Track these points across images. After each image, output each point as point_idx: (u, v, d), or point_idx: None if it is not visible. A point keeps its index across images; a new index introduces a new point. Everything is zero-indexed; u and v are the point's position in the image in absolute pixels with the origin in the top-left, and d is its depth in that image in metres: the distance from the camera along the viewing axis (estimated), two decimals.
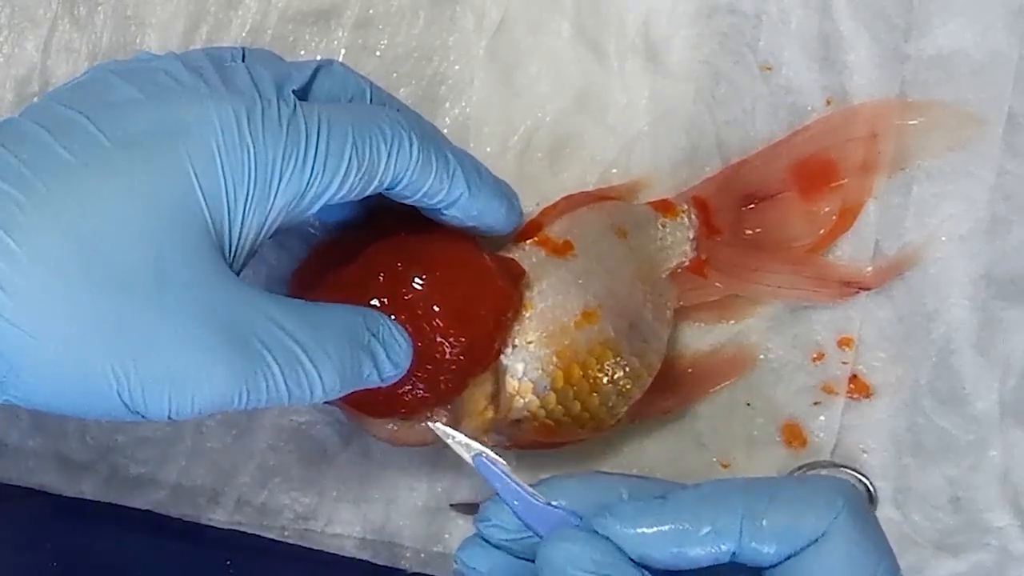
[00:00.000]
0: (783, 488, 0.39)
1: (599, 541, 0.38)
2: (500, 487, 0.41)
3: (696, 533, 0.38)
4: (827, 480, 0.40)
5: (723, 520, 0.38)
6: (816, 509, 0.38)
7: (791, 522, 0.38)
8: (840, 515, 0.37)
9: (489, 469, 0.42)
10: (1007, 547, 0.52)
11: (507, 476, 0.41)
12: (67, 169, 0.34)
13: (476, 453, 0.42)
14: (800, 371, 0.53)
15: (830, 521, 0.37)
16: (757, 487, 0.39)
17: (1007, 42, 0.50)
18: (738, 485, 0.39)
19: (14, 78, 0.52)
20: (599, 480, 0.42)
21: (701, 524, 0.38)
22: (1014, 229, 0.51)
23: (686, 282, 0.51)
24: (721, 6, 0.51)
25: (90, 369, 0.34)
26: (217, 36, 0.51)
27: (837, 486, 0.39)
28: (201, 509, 0.55)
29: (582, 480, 0.42)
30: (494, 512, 0.41)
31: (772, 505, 0.38)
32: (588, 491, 0.41)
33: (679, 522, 0.38)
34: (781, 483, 0.39)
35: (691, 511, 0.38)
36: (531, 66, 0.52)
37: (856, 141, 0.50)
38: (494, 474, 0.41)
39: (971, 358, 0.51)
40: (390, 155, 0.40)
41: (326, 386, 0.39)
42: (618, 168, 0.52)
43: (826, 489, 0.38)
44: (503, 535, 0.41)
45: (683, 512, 0.38)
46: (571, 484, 0.42)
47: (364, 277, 0.43)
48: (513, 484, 0.41)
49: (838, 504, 0.38)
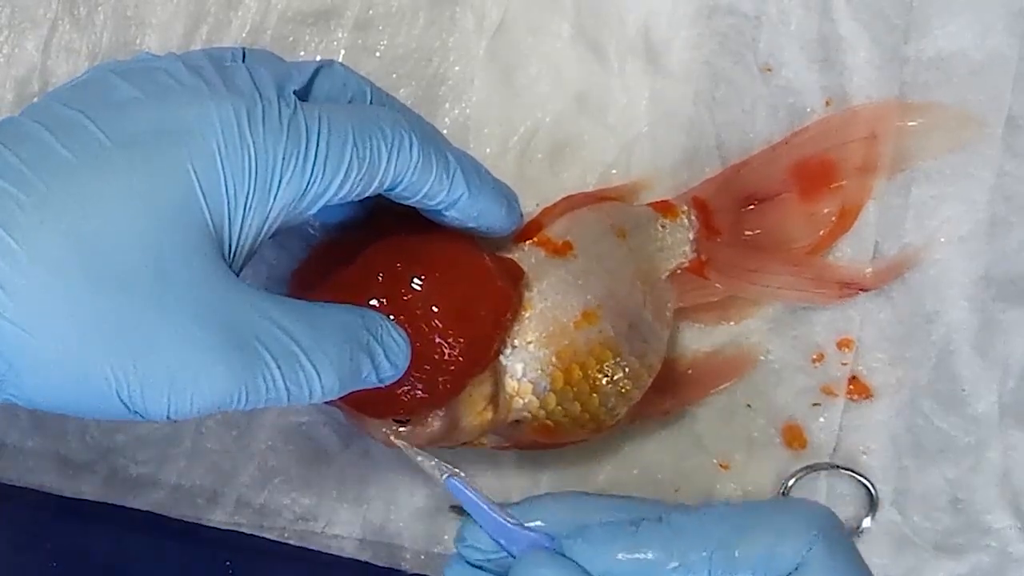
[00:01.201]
0: (759, 517, 0.39)
1: (568, 565, 0.39)
2: (472, 509, 0.41)
3: (664, 566, 0.38)
4: (804, 508, 0.40)
5: (693, 555, 0.38)
6: (790, 540, 0.38)
7: (764, 553, 0.38)
8: (815, 546, 0.38)
9: (461, 491, 0.42)
10: (1006, 548, 0.52)
11: (479, 499, 0.41)
12: (68, 169, 0.34)
13: (447, 475, 0.42)
14: (800, 372, 0.53)
15: (804, 553, 0.38)
16: (733, 516, 0.39)
17: (1007, 43, 0.50)
18: (714, 515, 0.39)
19: (14, 78, 0.52)
20: (579, 501, 0.42)
21: (670, 558, 0.38)
22: (1014, 230, 0.51)
23: (686, 283, 0.51)
24: (721, 7, 0.51)
25: (89, 369, 0.34)
26: (217, 36, 0.51)
27: (811, 516, 0.39)
28: (201, 510, 0.55)
29: (562, 500, 0.42)
30: (470, 532, 0.42)
31: (745, 536, 0.38)
32: (567, 511, 0.42)
33: (648, 552, 0.38)
34: (759, 510, 0.39)
35: (661, 542, 0.38)
36: (531, 67, 0.52)
37: (856, 142, 0.50)
38: (466, 497, 0.41)
39: (971, 359, 0.51)
40: (390, 156, 0.40)
41: (325, 386, 0.39)
42: (618, 169, 0.52)
43: (801, 518, 0.39)
44: (480, 556, 0.42)
45: (653, 542, 0.38)
46: (550, 504, 0.42)
47: (363, 277, 0.43)
48: (484, 506, 0.41)
49: (811, 534, 0.38)
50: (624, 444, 0.53)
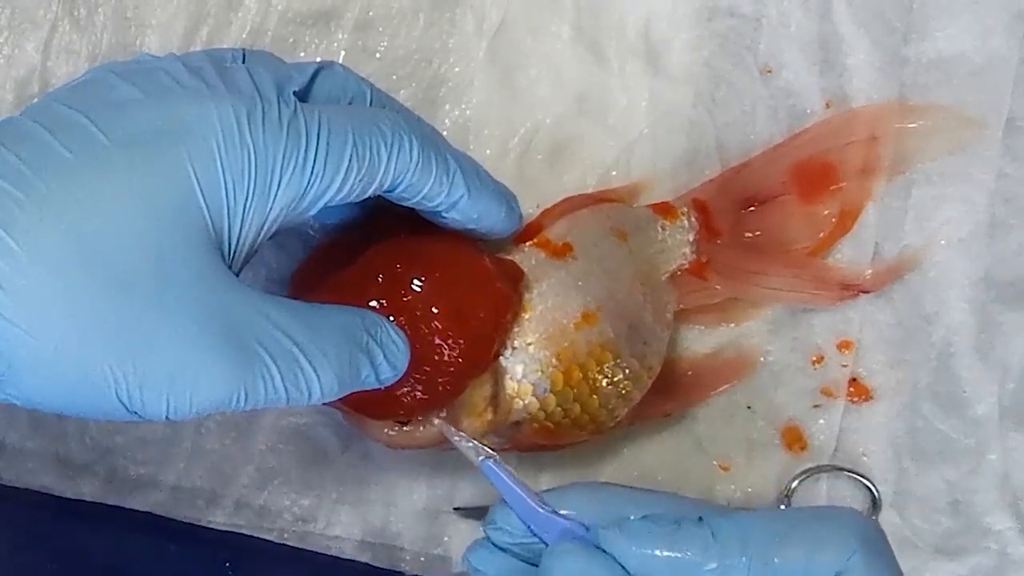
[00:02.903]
0: (800, 525, 0.39)
1: (601, 557, 0.39)
2: (507, 493, 0.41)
3: (701, 567, 0.38)
4: (845, 518, 0.40)
5: (731, 559, 0.38)
6: (829, 550, 0.38)
7: (803, 562, 0.38)
8: (854, 557, 0.38)
9: (496, 475, 0.42)
10: (1006, 550, 0.52)
11: (514, 482, 0.41)
12: (67, 168, 0.34)
13: (483, 457, 0.42)
14: (800, 374, 0.53)
15: (843, 562, 0.38)
16: (774, 523, 0.39)
17: (1006, 45, 0.50)
18: (754, 521, 0.39)
19: (14, 79, 0.52)
20: (608, 492, 0.42)
21: (708, 559, 0.38)
22: (1013, 232, 0.51)
23: (686, 285, 0.51)
24: (721, 9, 0.51)
25: (89, 368, 0.34)
26: (217, 38, 0.51)
27: (852, 526, 0.39)
28: (200, 511, 0.55)
29: (595, 491, 0.42)
30: (501, 516, 0.42)
31: (785, 544, 0.38)
32: (596, 502, 0.42)
33: (687, 552, 0.38)
34: (800, 518, 0.39)
35: (701, 544, 0.38)
36: (531, 68, 0.52)
37: (856, 144, 0.50)
38: (501, 480, 0.42)
39: (970, 361, 0.51)
40: (390, 157, 0.40)
41: (324, 387, 0.39)
42: (618, 170, 0.52)
43: (841, 528, 0.38)
44: (509, 539, 0.42)
45: (694, 543, 0.38)
46: (579, 493, 0.42)
47: (363, 279, 0.43)
48: (519, 491, 0.41)
49: (851, 545, 0.38)
50: (624, 445, 0.53)
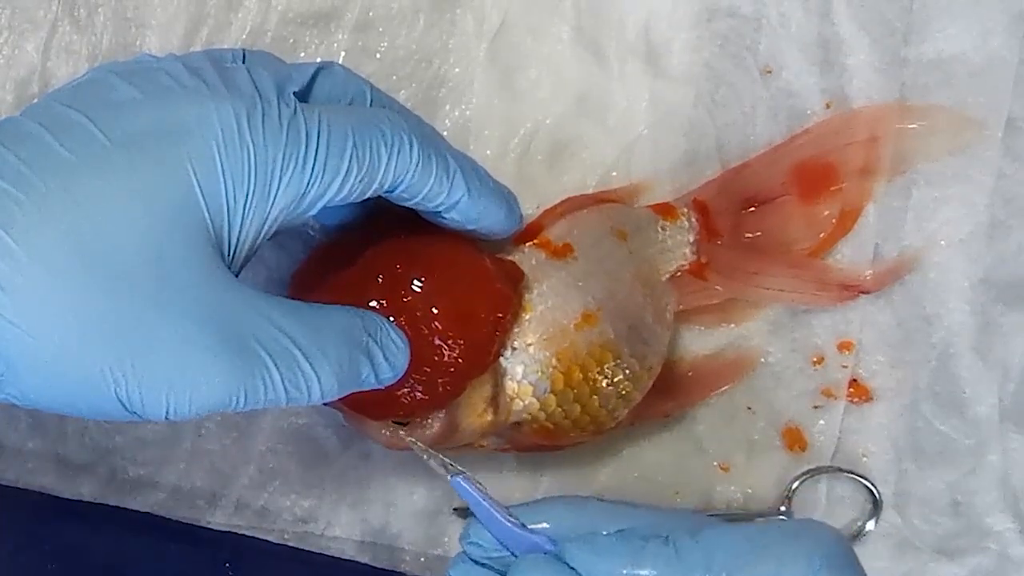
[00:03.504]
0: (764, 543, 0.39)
1: (566, 572, 0.39)
2: (476, 508, 0.42)
3: None
4: (810, 535, 0.40)
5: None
6: (794, 567, 0.38)
7: None
8: (819, 573, 0.38)
9: (465, 491, 0.42)
10: (1006, 551, 0.52)
11: (483, 498, 0.41)
12: (67, 168, 0.34)
13: (452, 475, 0.42)
14: (800, 375, 0.53)
15: None
16: (739, 542, 0.39)
17: (1006, 46, 0.50)
18: (719, 540, 0.39)
19: (14, 80, 0.52)
20: (586, 505, 0.43)
21: None
22: (1013, 233, 0.51)
23: (686, 285, 0.51)
24: (721, 9, 0.51)
25: (88, 369, 0.34)
26: (217, 38, 0.51)
27: (816, 543, 0.39)
28: (200, 511, 0.55)
29: (568, 504, 0.43)
30: (475, 531, 0.42)
31: (748, 563, 0.38)
32: (572, 516, 0.42)
33: (650, 570, 0.39)
34: (765, 536, 0.39)
35: (665, 563, 0.39)
36: (531, 69, 0.52)
37: (856, 145, 0.50)
38: (470, 496, 0.42)
39: (970, 362, 0.51)
40: (390, 157, 0.40)
41: (323, 388, 0.38)
42: (618, 171, 0.52)
43: (805, 546, 0.39)
44: (483, 554, 0.42)
45: (658, 562, 0.39)
46: (556, 507, 0.42)
47: (363, 279, 0.43)
48: (488, 506, 0.41)
49: (815, 563, 0.38)
50: (624, 446, 0.53)
